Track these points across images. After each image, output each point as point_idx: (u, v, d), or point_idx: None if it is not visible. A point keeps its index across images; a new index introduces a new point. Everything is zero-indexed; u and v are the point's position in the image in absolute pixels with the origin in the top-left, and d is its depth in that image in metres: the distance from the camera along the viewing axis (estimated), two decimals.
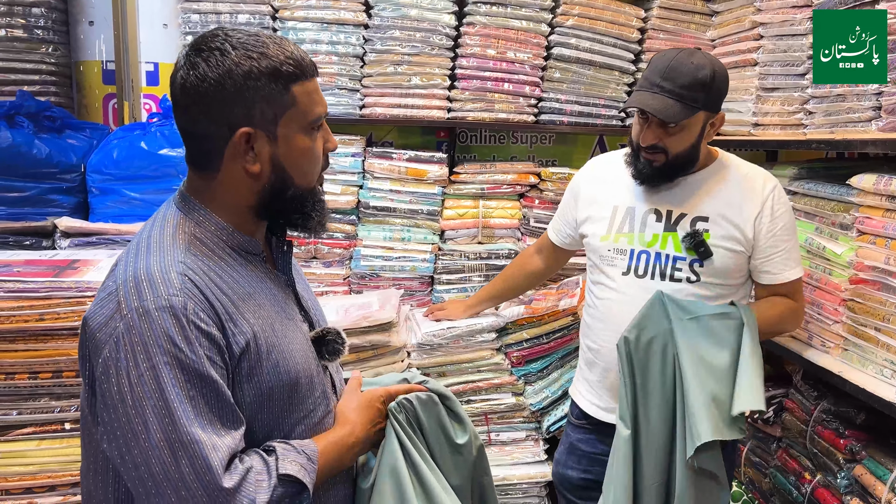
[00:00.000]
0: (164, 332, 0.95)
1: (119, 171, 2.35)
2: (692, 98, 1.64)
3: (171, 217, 1.08)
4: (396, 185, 2.82)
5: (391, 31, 2.73)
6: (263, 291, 1.10)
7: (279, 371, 1.07)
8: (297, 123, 1.08)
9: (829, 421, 1.99)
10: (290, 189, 1.10)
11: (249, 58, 1.03)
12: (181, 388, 0.94)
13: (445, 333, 2.51)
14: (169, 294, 0.96)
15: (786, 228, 1.76)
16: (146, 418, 0.93)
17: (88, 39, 2.79)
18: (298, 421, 1.11)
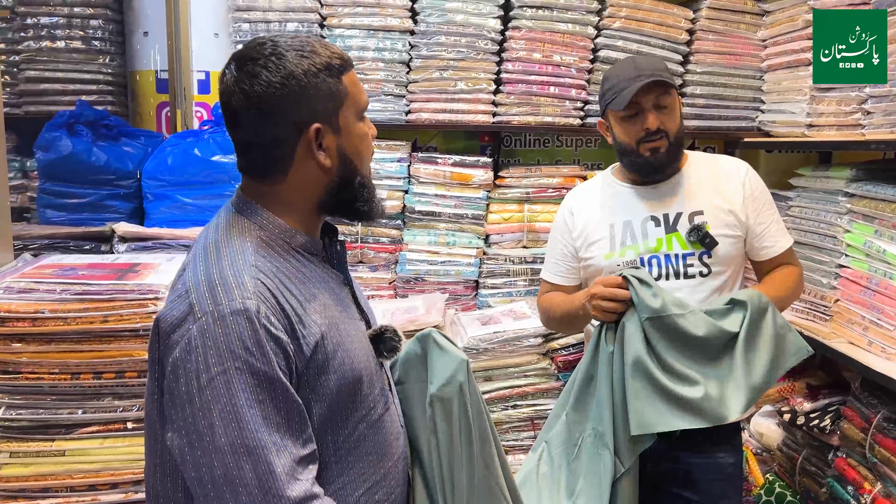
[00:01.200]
0: (237, 337, 0.96)
1: (173, 177, 2.41)
2: (667, 76, 1.79)
3: (236, 222, 1.10)
4: (441, 189, 2.83)
5: (437, 37, 2.75)
6: (327, 291, 1.12)
7: (345, 369, 1.08)
8: (352, 112, 1.12)
9: (890, 429, 1.93)
10: (356, 177, 1.14)
11: (304, 57, 1.07)
12: (251, 392, 0.95)
13: (492, 338, 2.51)
14: (243, 297, 0.98)
15: (768, 203, 1.87)
16: (212, 421, 0.94)
17: (143, 49, 2.87)
18: (361, 419, 1.12)
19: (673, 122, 1.80)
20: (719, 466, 1.83)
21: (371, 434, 1.14)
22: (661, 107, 1.78)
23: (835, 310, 2.19)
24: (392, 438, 1.20)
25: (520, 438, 2.60)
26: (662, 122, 1.78)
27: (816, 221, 2.27)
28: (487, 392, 2.56)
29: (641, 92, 1.75)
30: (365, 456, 1.13)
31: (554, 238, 2.02)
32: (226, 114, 1.10)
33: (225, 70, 1.10)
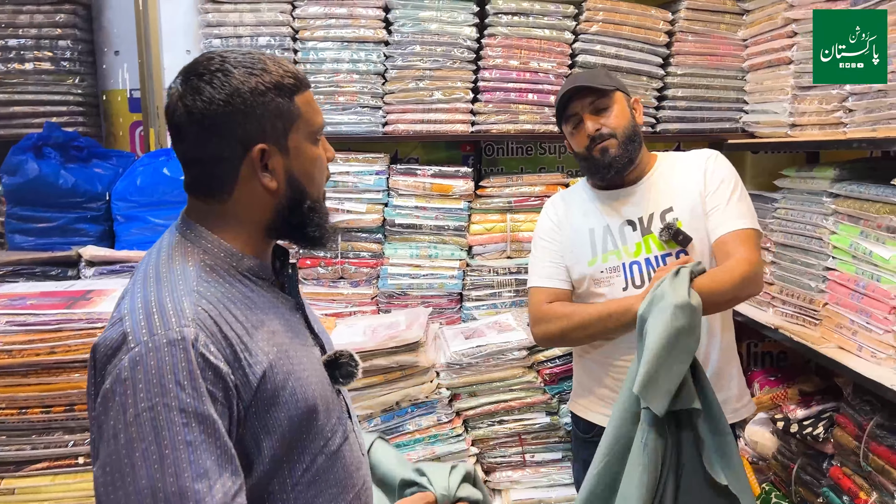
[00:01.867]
0: (170, 369, 0.90)
1: (143, 197, 2.37)
2: (604, 83, 1.83)
3: (179, 245, 1.05)
4: (422, 201, 2.78)
5: (412, 47, 2.70)
6: (276, 317, 1.07)
7: (297, 399, 1.03)
8: (303, 134, 1.08)
9: (884, 437, 1.87)
10: (305, 201, 1.10)
11: (252, 74, 1.03)
12: (177, 431, 0.89)
13: (475, 352, 2.45)
14: (181, 325, 0.93)
15: (726, 183, 1.80)
16: (135, 461, 0.88)
17: (114, 69, 2.83)
18: (319, 451, 1.08)
19: (617, 119, 1.81)
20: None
21: (330, 466, 1.09)
22: (600, 110, 1.81)
23: (824, 314, 2.12)
24: (353, 469, 1.14)
25: (507, 455, 2.54)
26: (605, 124, 1.80)
27: (802, 223, 2.22)
28: (472, 408, 2.50)
29: (576, 102, 1.82)
30: (325, 489, 1.08)
31: (543, 242, 1.97)
32: (170, 129, 1.06)
33: (172, 84, 1.07)
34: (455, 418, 2.49)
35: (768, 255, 2.41)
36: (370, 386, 2.38)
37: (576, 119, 1.84)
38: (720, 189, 1.80)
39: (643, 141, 1.90)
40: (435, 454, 2.43)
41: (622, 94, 1.85)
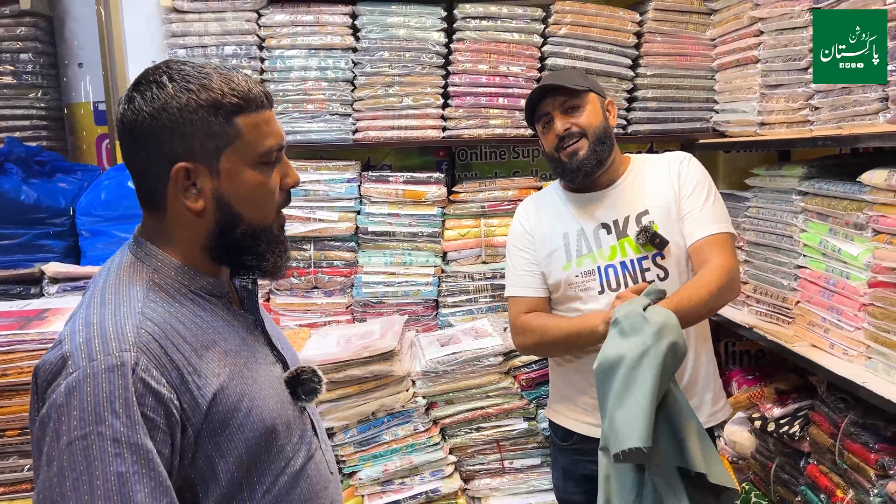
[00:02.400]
0: (106, 397, 0.87)
1: (108, 211, 2.32)
2: (577, 83, 1.81)
3: (128, 264, 1.03)
4: (395, 208, 2.76)
5: (380, 53, 2.68)
6: (230, 336, 1.05)
7: (252, 419, 1.00)
8: (242, 157, 1.03)
9: (858, 434, 1.86)
10: (239, 226, 1.05)
11: (187, 90, 0.99)
12: (109, 462, 0.86)
13: (451, 359, 2.42)
14: (121, 350, 0.91)
15: (699, 187, 1.80)
16: (65, 491, 0.85)
17: (78, 81, 2.78)
18: (280, 471, 1.05)
19: (588, 119, 1.79)
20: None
21: (293, 486, 1.07)
22: (572, 108, 1.80)
23: (796, 312, 2.12)
24: (319, 488, 1.12)
25: (486, 462, 2.52)
26: (575, 123, 1.79)
27: (773, 222, 2.22)
28: (449, 416, 2.47)
29: (547, 102, 1.80)
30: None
31: (516, 250, 1.95)
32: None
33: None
34: (432, 427, 2.47)
35: (742, 254, 2.41)
36: (345, 397, 2.35)
37: (547, 118, 1.82)
38: (694, 193, 1.80)
39: (615, 143, 1.88)
40: (413, 464, 2.40)
41: (596, 95, 1.84)
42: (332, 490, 1.17)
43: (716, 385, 1.87)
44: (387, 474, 2.38)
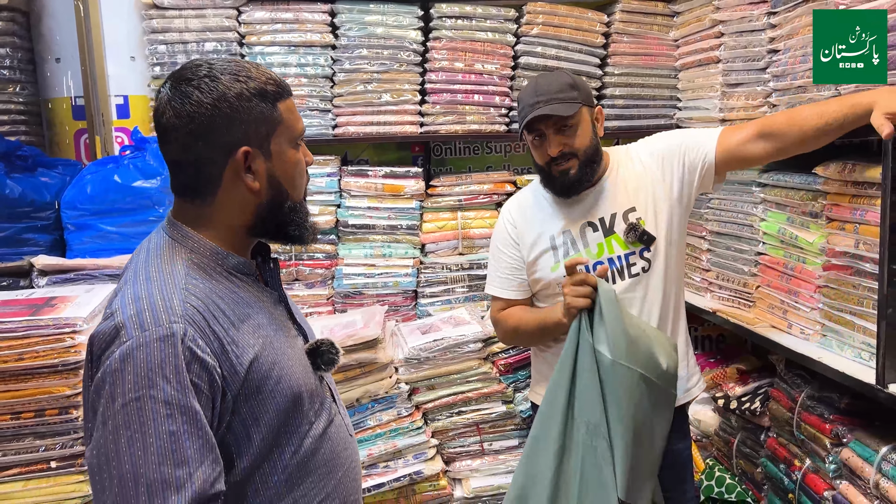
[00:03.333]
0: (158, 363, 0.96)
1: (94, 205, 2.34)
2: (570, 97, 1.78)
3: (166, 245, 1.11)
4: (374, 202, 2.83)
5: (358, 50, 2.75)
6: (261, 310, 1.14)
7: (282, 386, 1.10)
8: (285, 139, 1.13)
9: (814, 407, 2.01)
10: (286, 202, 1.16)
11: (238, 80, 1.09)
12: (162, 421, 0.95)
13: (432, 346, 2.52)
14: (171, 321, 0.99)
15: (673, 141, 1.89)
16: (120, 447, 0.94)
17: (56, 76, 2.78)
18: (305, 434, 1.15)
19: (580, 139, 1.80)
20: (675, 453, 1.89)
21: (318, 448, 1.17)
22: (565, 127, 1.79)
23: (757, 296, 2.27)
24: (340, 449, 1.23)
25: (466, 444, 2.62)
26: (568, 144, 1.79)
27: (734, 212, 2.36)
28: (431, 401, 2.57)
29: (541, 118, 1.78)
30: (314, 470, 1.16)
31: (499, 252, 1.99)
32: (158, 132, 1.12)
33: (161, 89, 1.12)
34: (414, 411, 2.56)
35: (704, 243, 2.56)
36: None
37: (539, 132, 1.82)
38: (679, 146, 1.87)
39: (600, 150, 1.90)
40: (396, 447, 2.49)
41: (586, 108, 1.83)
42: (350, 451, 1.27)
43: (690, 361, 1.98)
44: (371, 458, 2.46)
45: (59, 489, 1.41)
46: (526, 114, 1.80)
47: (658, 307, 1.85)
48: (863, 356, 1.77)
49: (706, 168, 1.84)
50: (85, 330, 1.45)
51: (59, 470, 1.43)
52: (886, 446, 1.72)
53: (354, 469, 1.27)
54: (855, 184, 1.75)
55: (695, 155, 1.85)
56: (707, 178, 1.86)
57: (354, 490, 1.26)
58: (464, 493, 2.57)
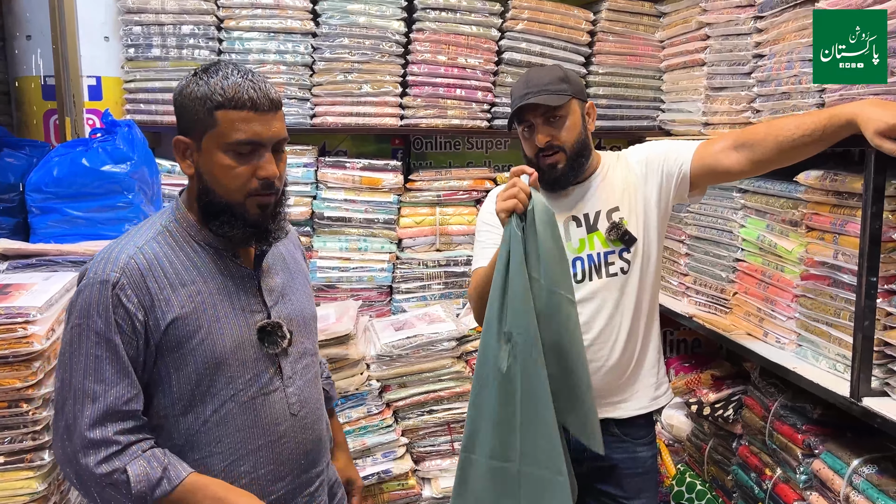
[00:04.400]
0: (95, 301, 1.20)
1: (60, 189, 2.26)
2: (559, 89, 1.77)
3: (159, 214, 1.35)
4: (351, 194, 2.79)
5: (340, 39, 2.70)
6: (215, 281, 1.29)
7: (204, 348, 1.26)
8: (215, 143, 1.25)
9: (787, 416, 2.00)
10: (218, 199, 1.27)
11: (199, 82, 1.26)
12: (91, 347, 1.20)
13: (405, 343, 2.48)
14: (110, 270, 1.22)
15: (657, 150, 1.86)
16: (63, 361, 1.22)
17: (26, 54, 2.69)
18: (228, 398, 1.29)
19: (568, 133, 1.79)
20: (640, 461, 1.87)
21: (240, 413, 1.30)
22: (553, 118, 1.78)
23: (733, 302, 2.26)
24: (268, 422, 1.33)
25: (437, 444, 2.58)
26: (555, 136, 1.78)
27: (714, 217, 2.34)
28: (402, 399, 2.53)
29: (529, 109, 1.77)
30: (234, 432, 1.29)
31: (485, 226, 1.93)
32: None
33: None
34: (385, 409, 2.52)
35: (683, 247, 2.54)
36: None
37: (528, 124, 1.81)
38: (661, 154, 1.85)
39: (592, 146, 1.88)
40: (366, 445, 2.45)
41: (577, 101, 1.82)
42: (286, 428, 1.35)
43: (660, 370, 1.96)
44: None
45: (6, 485, 1.35)
46: (516, 104, 1.79)
47: (631, 312, 1.83)
48: (838, 368, 1.76)
49: (681, 178, 1.83)
50: (39, 320, 1.39)
51: (8, 465, 1.37)
52: (858, 459, 1.71)
53: (289, 445, 1.35)
54: (836, 193, 1.74)
55: (672, 163, 1.83)
56: (682, 189, 1.84)
57: (279, 461, 1.34)
58: (433, 492, 2.54)
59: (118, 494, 1.19)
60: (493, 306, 1.56)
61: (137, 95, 2.69)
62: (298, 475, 1.39)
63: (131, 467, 1.18)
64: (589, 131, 1.86)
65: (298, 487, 1.39)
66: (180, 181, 2.67)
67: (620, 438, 1.83)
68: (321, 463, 1.47)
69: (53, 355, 1.49)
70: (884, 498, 1.58)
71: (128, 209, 2.30)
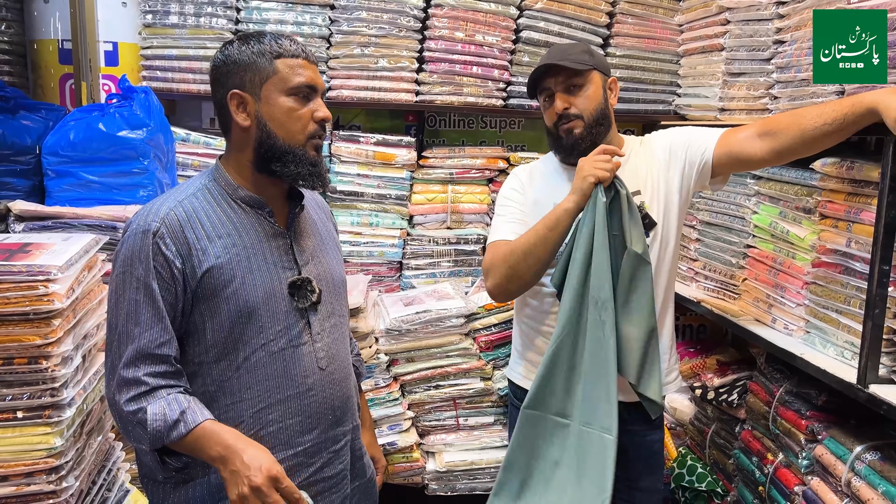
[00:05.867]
0: (137, 249, 1.28)
1: (76, 153, 2.27)
2: (581, 60, 1.78)
3: (201, 174, 1.43)
4: (364, 169, 2.79)
5: (358, 12, 2.69)
6: (249, 236, 1.36)
7: (238, 297, 1.32)
8: (277, 88, 1.34)
9: (792, 402, 2.02)
10: (278, 143, 1.34)
11: (247, 44, 1.36)
12: (133, 291, 1.27)
13: (414, 319, 2.50)
14: (151, 220, 1.29)
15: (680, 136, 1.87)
16: (110, 302, 1.30)
17: (44, 17, 2.69)
18: (259, 346, 1.35)
19: (587, 102, 1.79)
20: (647, 444, 1.88)
21: (270, 362, 1.36)
22: (573, 87, 1.78)
23: (743, 288, 2.27)
24: (296, 373, 1.38)
25: (442, 419, 2.61)
26: (574, 104, 1.78)
27: (727, 203, 2.34)
28: (409, 373, 2.55)
29: (550, 76, 1.78)
30: (263, 380, 1.35)
31: (506, 200, 1.92)
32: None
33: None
34: (392, 383, 2.54)
35: (693, 232, 2.54)
36: None
37: (548, 93, 1.81)
38: (685, 141, 1.85)
39: (613, 123, 1.87)
40: (373, 417, 2.48)
41: (599, 73, 1.81)
42: (313, 381, 1.41)
43: (672, 356, 1.97)
44: None
45: (24, 440, 1.38)
46: (537, 68, 1.79)
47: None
48: (845, 355, 1.77)
49: (704, 165, 1.82)
50: (59, 279, 1.40)
51: (26, 420, 1.39)
52: (861, 445, 1.73)
53: (316, 398, 1.41)
54: (852, 182, 1.74)
55: (695, 150, 1.83)
56: (704, 175, 1.84)
57: (307, 414, 1.40)
58: (436, 466, 2.57)
59: (143, 433, 1.24)
60: (577, 270, 1.64)
61: (154, 62, 2.69)
62: (326, 430, 1.44)
63: (151, 407, 1.23)
64: (610, 106, 1.85)
65: (325, 442, 1.44)
66: (194, 149, 2.68)
67: (629, 422, 1.84)
68: (348, 422, 1.51)
69: (73, 314, 1.51)
70: (885, 484, 1.60)
71: (142, 175, 2.31)
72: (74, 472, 1.49)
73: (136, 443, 1.28)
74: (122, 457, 1.84)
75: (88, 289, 1.63)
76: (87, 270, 1.62)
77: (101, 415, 1.71)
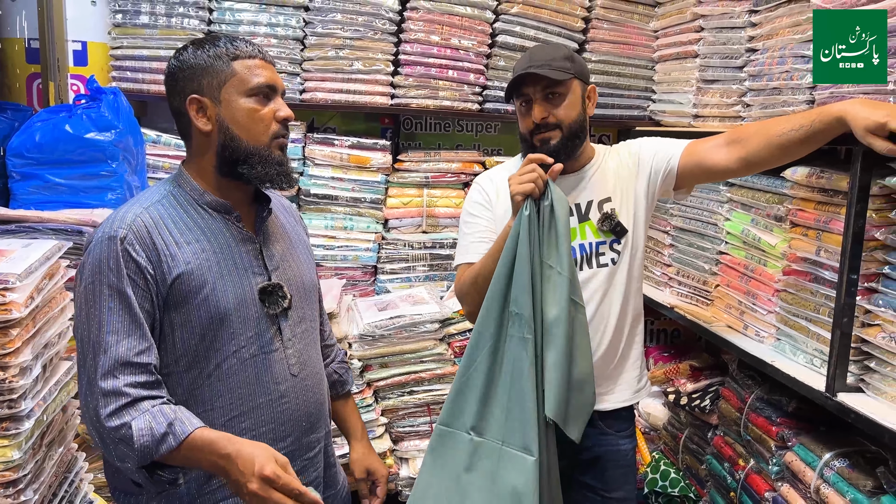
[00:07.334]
0: (105, 257, 1.24)
1: (42, 155, 2.22)
2: (562, 67, 1.73)
3: (165, 180, 1.41)
4: (339, 172, 2.77)
5: (332, 14, 2.66)
6: (218, 241, 1.35)
7: (209, 303, 1.30)
8: (236, 89, 1.32)
9: (762, 409, 2.03)
10: (242, 145, 1.33)
11: (202, 48, 1.34)
12: (104, 300, 1.23)
13: (388, 324, 2.48)
14: (118, 227, 1.27)
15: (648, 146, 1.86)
16: (80, 317, 1.25)
17: (10, 15, 2.63)
18: (230, 354, 1.33)
19: (566, 111, 1.74)
20: (621, 453, 1.87)
21: (241, 369, 1.34)
22: (553, 95, 1.73)
23: (715, 295, 2.28)
24: (268, 380, 1.37)
25: (416, 424, 2.59)
26: (553, 113, 1.73)
27: (699, 209, 2.35)
28: (383, 379, 2.53)
29: (529, 83, 1.72)
30: (235, 388, 1.34)
31: (471, 217, 1.87)
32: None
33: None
34: (365, 389, 2.52)
35: (667, 237, 2.55)
36: None
37: (526, 99, 1.76)
38: (652, 148, 1.85)
39: (588, 132, 1.85)
40: None
41: (579, 81, 1.77)
42: (286, 388, 1.39)
43: (642, 363, 1.97)
44: None
45: None
46: (517, 73, 1.74)
47: (619, 304, 1.83)
48: (815, 363, 1.78)
49: (668, 172, 1.82)
50: (18, 287, 1.36)
51: None
52: (829, 452, 1.74)
53: (289, 405, 1.39)
54: (822, 191, 1.75)
55: (661, 157, 1.83)
56: (668, 183, 1.84)
57: (280, 421, 1.38)
58: (410, 472, 2.55)
59: (128, 451, 1.18)
60: (499, 284, 1.57)
61: (124, 63, 2.65)
62: (300, 437, 1.42)
63: (135, 422, 1.18)
64: (588, 115, 1.82)
65: (299, 450, 1.42)
66: (165, 151, 2.64)
67: (603, 431, 1.83)
68: (321, 428, 1.49)
69: (32, 324, 1.47)
70: (853, 491, 1.61)
71: (111, 178, 2.27)
72: (33, 486, 1.45)
73: (121, 462, 1.21)
74: (86, 467, 1.80)
75: (50, 296, 1.58)
76: (49, 278, 1.58)
77: (63, 425, 1.67)
